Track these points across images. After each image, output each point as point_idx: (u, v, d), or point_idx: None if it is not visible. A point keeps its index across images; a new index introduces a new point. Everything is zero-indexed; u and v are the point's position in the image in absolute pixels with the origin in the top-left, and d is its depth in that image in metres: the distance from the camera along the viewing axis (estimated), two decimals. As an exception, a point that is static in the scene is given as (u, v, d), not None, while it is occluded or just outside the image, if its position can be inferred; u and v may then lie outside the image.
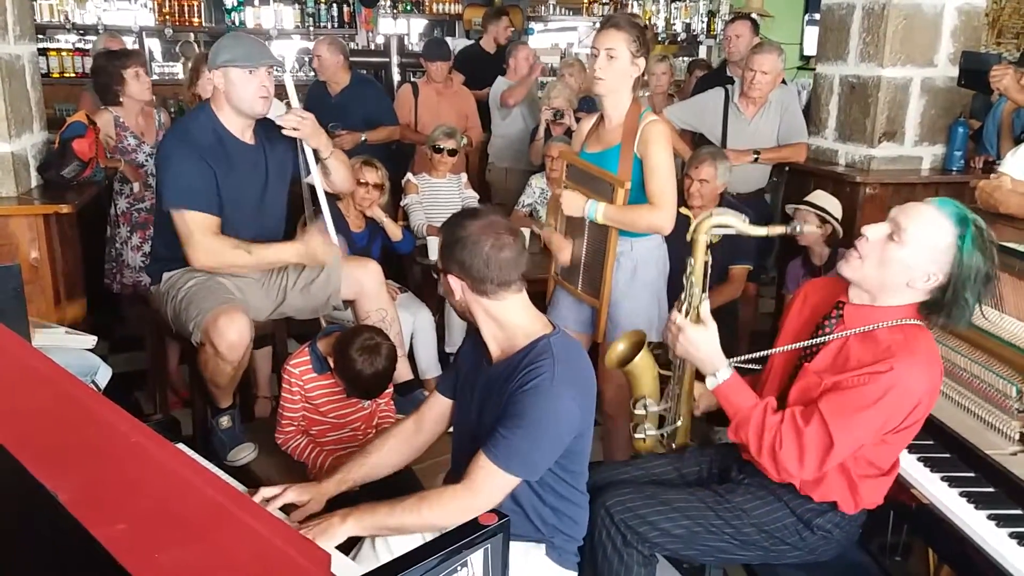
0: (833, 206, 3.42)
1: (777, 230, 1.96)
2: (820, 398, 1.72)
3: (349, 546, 1.75)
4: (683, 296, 1.95)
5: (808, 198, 3.49)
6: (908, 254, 1.67)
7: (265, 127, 2.71)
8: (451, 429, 1.96)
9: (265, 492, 1.77)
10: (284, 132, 2.65)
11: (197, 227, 2.52)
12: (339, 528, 1.59)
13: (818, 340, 1.83)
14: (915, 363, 1.66)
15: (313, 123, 2.70)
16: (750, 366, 2.02)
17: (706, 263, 1.95)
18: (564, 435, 1.67)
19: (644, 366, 2.08)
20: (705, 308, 1.88)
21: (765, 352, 1.97)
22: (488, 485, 1.63)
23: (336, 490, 1.84)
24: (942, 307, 1.69)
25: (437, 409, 1.93)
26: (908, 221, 1.68)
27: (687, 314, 1.91)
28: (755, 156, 3.83)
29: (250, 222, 2.70)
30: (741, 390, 1.83)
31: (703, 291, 1.92)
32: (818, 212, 3.37)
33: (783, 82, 3.95)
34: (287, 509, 1.78)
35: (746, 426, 1.78)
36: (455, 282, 1.71)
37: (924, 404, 1.71)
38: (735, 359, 1.94)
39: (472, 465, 1.64)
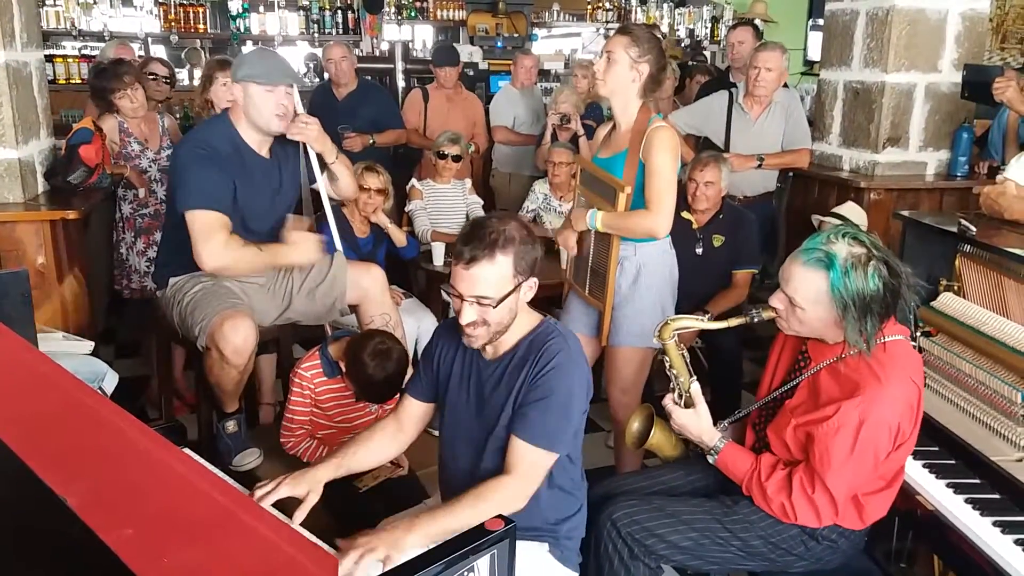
0: (859, 218, 3.41)
1: (735, 322, 1.98)
2: (811, 455, 1.77)
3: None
4: (672, 384, 2.05)
5: (837, 209, 3.48)
6: (809, 314, 1.79)
7: (281, 143, 2.72)
8: (433, 429, 2.00)
9: (259, 492, 1.73)
10: (289, 136, 2.66)
11: (209, 226, 2.48)
12: (406, 539, 1.56)
13: (792, 383, 1.91)
14: (880, 392, 1.71)
15: (318, 127, 2.71)
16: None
17: (682, 354, 2.03)
18: (582, 407, 1.77)
19: (661, 439, 2.14)
20: (695, 390, 2.00)
21: (748, 409, 2.08)
22: (536, 469, 1.72)
23: (333, 474, 1.81)
24: (878, 320, 1.73)
25: (415, 412, 1.96)
26: (792, 290, 1.80)
27: (680, 397, 2.02)
28: (759, 162, 3.83)
29: (259, 235, 2.69)
30: (737, 458, 1.92)
31: (690, 376, 2.02)
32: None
33: (785, 85, 3.95)
34: (287, 506, 1.76)
35: (756, 499, 1.86)
36: (531, 282, 1.76)
37: (907, 418, 1.75)
38: (722, 423, 2.03)
39: (514, 455, 1.70)
